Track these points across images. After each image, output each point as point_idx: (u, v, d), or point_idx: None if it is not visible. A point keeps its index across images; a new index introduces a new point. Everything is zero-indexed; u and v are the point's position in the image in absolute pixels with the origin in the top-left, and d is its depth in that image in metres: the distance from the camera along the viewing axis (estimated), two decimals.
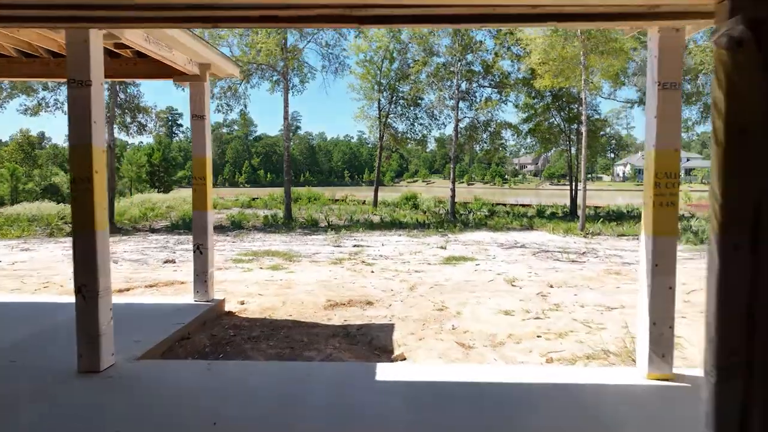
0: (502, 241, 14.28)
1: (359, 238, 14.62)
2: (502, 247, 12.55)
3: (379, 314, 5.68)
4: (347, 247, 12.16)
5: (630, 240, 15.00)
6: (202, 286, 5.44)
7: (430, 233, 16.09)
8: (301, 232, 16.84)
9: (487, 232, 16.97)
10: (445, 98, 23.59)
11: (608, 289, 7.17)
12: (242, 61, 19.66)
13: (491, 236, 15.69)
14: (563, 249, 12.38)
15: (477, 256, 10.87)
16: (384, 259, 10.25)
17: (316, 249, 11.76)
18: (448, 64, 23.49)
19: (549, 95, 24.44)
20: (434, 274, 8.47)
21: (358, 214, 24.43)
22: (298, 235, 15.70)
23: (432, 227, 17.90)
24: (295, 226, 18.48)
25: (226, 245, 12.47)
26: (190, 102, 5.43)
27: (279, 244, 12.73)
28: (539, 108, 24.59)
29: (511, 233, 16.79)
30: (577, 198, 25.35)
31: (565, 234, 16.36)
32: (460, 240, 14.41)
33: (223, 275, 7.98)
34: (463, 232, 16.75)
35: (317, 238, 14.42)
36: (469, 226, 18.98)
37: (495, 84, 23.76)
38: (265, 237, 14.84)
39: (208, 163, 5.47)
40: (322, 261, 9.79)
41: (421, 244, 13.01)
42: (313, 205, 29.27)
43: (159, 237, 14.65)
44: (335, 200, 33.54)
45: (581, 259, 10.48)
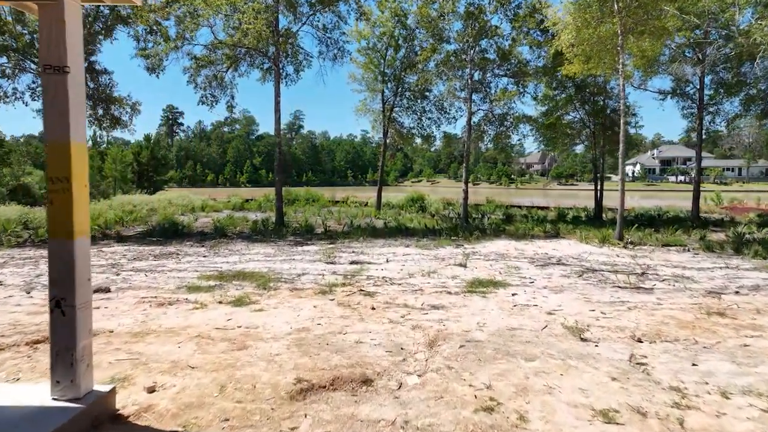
0: (530, 254, 11.86)
1: (359, 249, 12.24)
2: (534, 264, 10.12)
3: (383, 413, 3.29)
4: (343, 264, 9.76)
5: (681, 252, 12.55)
6: (67, 371, 3.05)
7: (442, 243, 13.68)
8: (292, 240, 14.47)
9: (509, 241, 14.55)
10: (456, 89, 21.14)
11: (733, 347, 4.74)
12: (227, 44, 17.33)
13: (515, 246, 13.27)
14: (611, 266, 9.95)
15: (508, 278, 8.46)
16: (389, 284, 7.85)
17: (304, 267, 9.37)
18: (460, 52, 21.04)
19: (571, 86, 21.98)
20: (460, 312, 6.06)
21: (359, 217, 22.06)
22: (287, 244, 13.33)
23: (444, 235, 15.49)
24: (287, 233, 16.12)
25: (194, 261, 10.11)
26: (40, 42, 3.06)
27: (260, 260, 10.35)
28: (560, 100, 22.11)
29: (537, 242, 14.36)
30: (602, 200, 22.87)
31: (601, 244, 13.91)
32: (480, 252, 11.99)
33: (155, 319, 5.61)
34: (481, 241, 14.33)
35: (309, 250, 12.04)
36: (486, 233, 16.55)
37: (512, 73, 21.29)
38: (247, 248, 12.48)
39: (77, 153, 3.09)
40: (307, 288, 7.39)
41: (434, 259, 10.60)
42: (311, 207, 26.94)
43: (120, 248, 12.30)
44: (335, 202, 31.19)
45: (645, 284, 8.04)
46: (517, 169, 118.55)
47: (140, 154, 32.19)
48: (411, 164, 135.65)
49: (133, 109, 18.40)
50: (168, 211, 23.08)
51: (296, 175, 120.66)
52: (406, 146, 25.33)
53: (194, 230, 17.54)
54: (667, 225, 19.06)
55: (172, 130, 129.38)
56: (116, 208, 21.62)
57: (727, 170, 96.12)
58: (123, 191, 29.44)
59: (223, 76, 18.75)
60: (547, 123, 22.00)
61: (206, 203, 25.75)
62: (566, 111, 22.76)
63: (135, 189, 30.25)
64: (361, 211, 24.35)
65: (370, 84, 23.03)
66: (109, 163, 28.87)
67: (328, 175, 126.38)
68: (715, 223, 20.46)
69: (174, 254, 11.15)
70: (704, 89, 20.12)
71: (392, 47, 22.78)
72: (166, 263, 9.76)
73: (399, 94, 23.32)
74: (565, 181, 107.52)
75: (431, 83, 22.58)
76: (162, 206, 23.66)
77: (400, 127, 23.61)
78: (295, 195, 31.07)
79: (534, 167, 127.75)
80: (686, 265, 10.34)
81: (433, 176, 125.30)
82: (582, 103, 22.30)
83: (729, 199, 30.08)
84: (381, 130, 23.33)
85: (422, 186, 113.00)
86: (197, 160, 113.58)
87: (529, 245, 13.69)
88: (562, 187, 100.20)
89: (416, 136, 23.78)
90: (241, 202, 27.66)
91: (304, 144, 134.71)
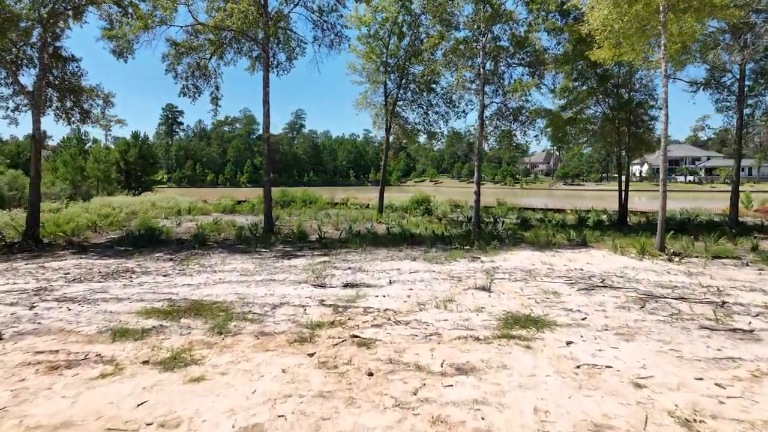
0: (561, 269, 9.81)
1: (357, 263, 10.20)
2: (575, 286, 8.05)
3: None
4: (335, 288, 7.72)
5: (740, 267, 10.47)
6: None
7: (454, 254, 11.62)
8: (280, 250, 12.46)
9: (531, 252, 12.49)
10: (465, 80, 19.05)
11: None
12: (209, 27, 15.33)
13: (541, 259, 11.21)
14: (671, 289, 7.88)
15: (550, 311, 6.41)
16: (393, 323, 5.81)
17: (284, 293, 7.33)
18: (471, 40, 18.95)
19: (593, 77, 19.88)
20: (500, 382, 4.03)
21: (359, 221, 20.03)
22: (273, 256, 11.31)
23: (455, 244, 13.45)
24: (276, 241, 14.10)
25: (148, 283, 8.07)
26: None
27: (232, 280, 8.32)
28: (582, 92, 20.00)
29: (564, 253, 12.30)
30: (627, 203, 20.76)
31: (640, 256, 11.83)
32: (502, 268, 9.93)
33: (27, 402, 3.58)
34: (499, 252, 12.28)
35: (297, 265, 10.01)
36: (503, 241, 14.49)
37: (528, 62, 19.19)
38: (224, 261, 10.46)
39: None
40: (279, 332, 5.35)
41: (448, 279, 8.55)
42: (307, 210, 24.92)
43: (71, 262, 10.29)
44: (335, 203, 29.13)
45: (736, 321, 5.99)
46: (521, 169, 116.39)
47: (127, 153, 30.19)
48: (414, 164, 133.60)
49: (105, 101, 16.41)
50: (150, 214, 21.10)
51: (297, 175, 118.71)
52: (410, 143, 23.24)
53: (173, 237, 15.56)
54: (702, 231, 16.97)
55: (172, 130, 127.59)
56: (93, 211, 19.65)
57: None
58: (107, 192, 27.50)
59: (207, 64, 16.74)
60: (567, 118, 19.91)
61: (194, 205, 23.77)
62: (586, 105, 20.67)
63: (120, 190, 28.29)
64: (362, 215, 22.31)
65: (371, 75, 20.99)
66: (91, 162, 26.86)
67: (329, 175, 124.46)
68: (756, 229, 18.32)
69: (129, 272, 9.13)
70: (745, 79, 18.00)
71: (395, 35, 20.73)
72: (112, 286, 7.75)
73: (403, 87, 21.27)
74: (571, 181, 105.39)
75: (438, 74, 20.53)
76: (144, 209, 21.69)
77: (404, 122, 21.55)
78: (291, 196, 29.06)
79: (539, 167, 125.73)
80: (764, 287, 8.26)
81: (437, 176, 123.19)
82: (605, 96, 20.19)
83: (760, 201, 27.90)
84: (383, 125, 21.26)
85: (425, 186, 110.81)
86: (197, 159, 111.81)
87: (557, 257, 11.63)
88: (568, 187, 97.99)
89: (421, 133, 21.70)
90: (232, 204, 25.67)
91: (305, 143, 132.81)
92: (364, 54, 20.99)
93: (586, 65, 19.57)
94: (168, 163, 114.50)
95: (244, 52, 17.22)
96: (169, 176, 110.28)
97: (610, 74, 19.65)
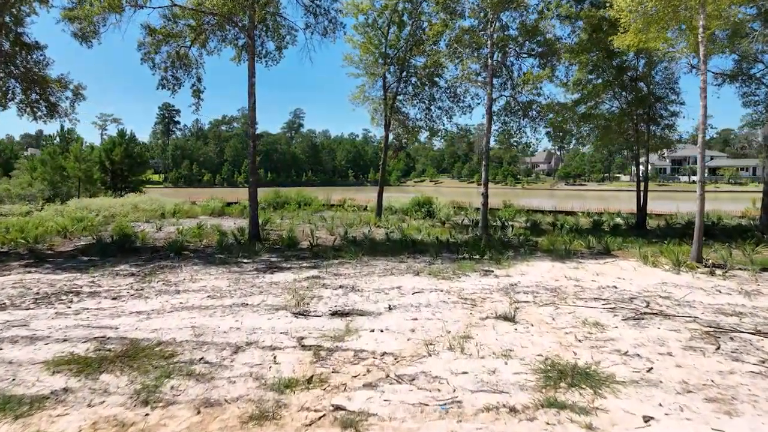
0: (591, 287, 8.27)
1: (350, 280, 8.65)
2: (617, 314, 6.50)
3: None
4: (320, 318, 6.16)
5: None
6: None
7: (464, 267, 10.06)
8: (264, 261, 10.91)
9: (551, 263, 10.95)
10: (471, 72, 17.49)
11: None
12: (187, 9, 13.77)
13: (564, 273, 9.67)
14: (738, 316, 6.34)
15: (601, 355, 4.85)
16: (392, 379, 4.25)
17: (254, 326, 5.77)
18: (477, 29, 17.41)
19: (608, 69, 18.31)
20: None
21: (356, 225, 18.48)
22: (254, 270, 9.75)
23: (463, 252, 11.90)
24: (261, 250, 12.53)
25: (90, 310, 6.50)
26: None
27: (196, 305, 6.76)
28: (598, 86, 18.43)
29: (588, 264, 10.77)
30: (646, 205, 19.20)
31: (676, 269, 10.29)
32: (522, 286, 8.38)
33: None
34: (515, 264, 10.72)
35: (278, 282, 8.46)
36: (518, 249, 12.94)
37: (539, 53, 17.63)
38: (193, 278, 8.89)
39: None
40: (230, 402, 3.78)
41: (460, 303, 6.98)
42: (301, 213, 23.34)
43: (11, 279, 8.71)
44: (331, 205, 27.54)
45: None
46: (522, 169, 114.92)
47: (113, 152, 28.56)
48: (413, 164, 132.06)
49: (75, 94, 14.84)
50: (131, 217, 19.54)
51: (296, 175, 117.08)
52: (411, 141, 21.68)
53: (149, 243, 14.02)
54: (732, 237, 15.45)
55: (169, 129, 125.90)
56: (67, 214, 18.07)
57: (741, 170, 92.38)
58: (89, 193, 25.92)
59: (187, 52, 15.17)
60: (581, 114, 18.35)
61: (180, 208, 22.19)
62: (601, 99, 19.11)
63: (105, 191, 26.69)
64: (359, 218, 20.76)
65: (369, 67, 19.41)
66: (71, 162, 25.19)
67: (328, 175, 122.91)
68: None
69: (74, 293, 7.55)
70: None
71: (395, 24, 19.17)
72: (39, 316, 6.18)
73: (403, 80, 19.70)
74: (573, 181, 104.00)
75: (442, 66, 18.96)
76: (125, 212, 20.12)
77: (404, 118, 19.98)
78: (285, 197, 27.48)
79: (540, 166, 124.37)
80: None
81: (437, 176, 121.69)
82: (622, 89, 18.63)
83: None
84: (382, 121, 19.69)
85: (425, 186, 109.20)
86: (194, 159, 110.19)
87: (582, 270, 10.08)
88: (570, 187, 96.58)
89: (423, 130, 20.13)
90: (221, 206, 24.08)
91: (304, 143, 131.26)
92: (361, 45, 19.42)
93: (602, 56, 18.05)
94: (165, 163, 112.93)
95: (228, 40, 15.67)
96: (165, 176, 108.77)
97: (628, 66, 18.10)
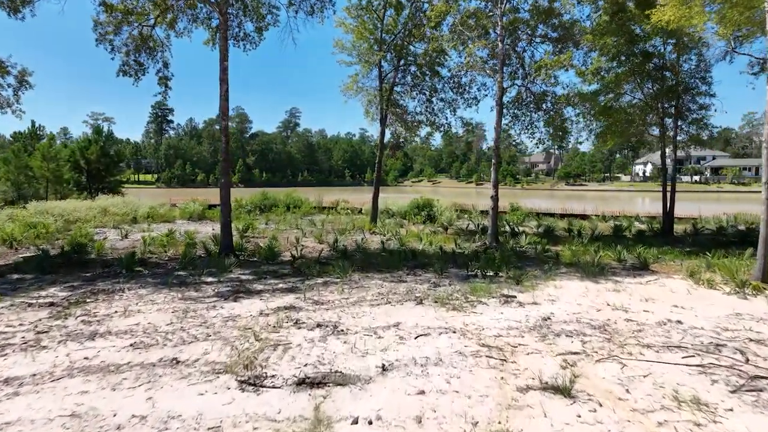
0: (652, 324, 6.26)
1: (333, 313, 6.59)
2: (714, 378, 4.48)
3: None
4: (279, 390, 4.11)
5: None
6: None
7: (478, 290, 8.03)
8: (232, 281, 8.86)
9: (582, 282, 8.95)
10: (478, 59, 15.46)
11: None
12: None
13: (603, 297, 7.67)
14: None
15: None
16: None
17: (172, 413, 3.71)
18: (483, 12, 15.38)
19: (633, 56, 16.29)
20: None
21: (348, 232, 16.43)
22: (213, 297, 7.68)
23: (475, 268, 9.86)
24: (233, 265, 10.43)
25: None
26: None
27: (99, 367, 4.70)
28: (620, 74, 16.40)
29: (627, 284, 8.78)
30: (673, 209, 17.17)
31: (740, 290, 8.28)
32: (560, 321, 6.35)
33: None
34: (538, 285, 8.69)
35: (238, 316, 6.41)
36: (536, 262, 10.92)
37: (553, 38, 15.62)
38: (127, 312, 6.81)
39: None
40: None
41: (484, 357, 4.94)
42: (289, 216, 21.22)
43: None
44: (323, 208, 25.43)
45: None
46: (522, 169, 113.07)
47: (88, 150, 26.34)
48: (411, 163, 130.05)
49: (20, 81, 12.72)
50: (96, 222, 17.42)
51: (291, 175, 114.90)
52: (410, 136, 19.59)
53: (106, 255, 11.96)
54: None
55: (161, 128, 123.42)
56: (23, 219, 15.93)
57: (744, 170, 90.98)
58: (59, 195, 23.77)
59: (151, 33, 13.08)
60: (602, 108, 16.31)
61: (155, 211, 20.08)
62: (622, 90, 17.09)
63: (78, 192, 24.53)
64: (353, 223, 18.69)
65: (363, 55, 17.34)
66: (38, 161, 22.97)
67: (324, 175, 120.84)
68: None
69: None
70: None
71: (392, 6, 17.11)
72: None
73: (401, 69, 17.64)
74: (573, 181, 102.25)
75: (444, 53, 16.93)
76: (92, 216, 17.98)
77: (402, 111, 17.92)
78: (273, 199, 25.37)
79: (539, 166, 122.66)
80: None
81: (435, 176, 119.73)
82: (643, 78, 16.60)
83: None
84: (377, 115, 17.61)
85: (423, 186, 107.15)
86: (187, 159, 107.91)
87: (624, 294, 8.08)
88: (570, 187, 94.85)
89: (424, 125, 18.06)
90: (202, 209, 21.95)
91: (300, 142, 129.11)
92: (354, 29, 17.34)
93: (623, 41, 16.06)
94: (158, 162, 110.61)
95: (200, 20, 13.58)
96: (158, 176, 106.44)
97: (654, 52, 16.09)
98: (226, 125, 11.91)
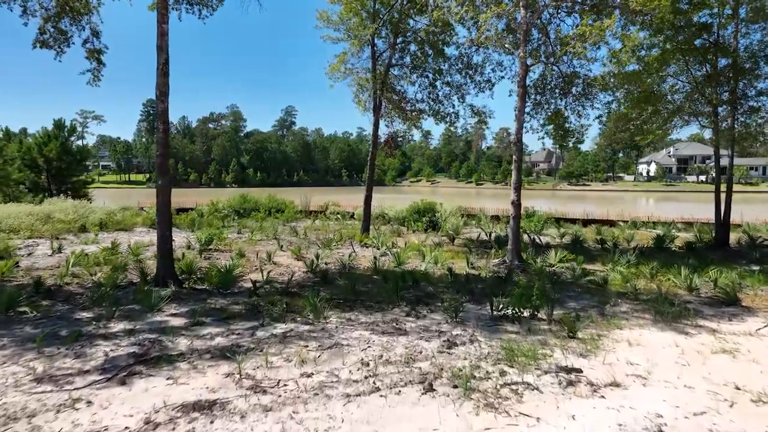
0: None
1: (279, 410, 3.67)
2: None
3: None
4: None
5: None
6: None
7: (515, 353, 5.08)
8: (152, 330, 5.94)
9: (664, 334, 6.04)
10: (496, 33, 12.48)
11: None
12: None
13: (707, 370, 4.74)
14: None
15: None
16: None
17: None
18: None
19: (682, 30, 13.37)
20: None
21: (336, 243, 13.51)
22: (92, 372, 4.73)
23: (502, 305, 6.90)
24: (167, 300, 7.44)
25: None
26: None
27: None
28: (666, 52, 13.46)
29: (727, 335, 5.87)
30: (729, 215, 14.26)
31: None
32: None
33: None
34: (603, 340, 5.77)
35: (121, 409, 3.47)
36: (583, 295, 8.00)
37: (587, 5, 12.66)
38: None
39: None
40: None
41: None
42: (270, 222, 18.15)
43: None
44: (310, 212, 22.41)
45: None
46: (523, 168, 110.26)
47: (47, 146, 23.32)
48: (410, 163, 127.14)
49: None
50: (30, 232, 14.44)
51: (287, 174, 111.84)
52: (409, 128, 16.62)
53: (12, 280, 9.06)
54: None
55: (153, 126, 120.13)
56: None
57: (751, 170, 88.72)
58: (9, 197, 20.76)
59: None
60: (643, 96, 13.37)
61: (110, 218, 17.10)
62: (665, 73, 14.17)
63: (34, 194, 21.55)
64: (342, 231, 15.73)
65: (352, 29, 14.36)
66: None
67: (321, 174, 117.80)
68: None
69: None
70: None
71: None
72: None
73: (399, 47, 14.68)
74: (576, 181, 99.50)
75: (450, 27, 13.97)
76: (29, 224, 15.00)
77: (400, 98, 14.94)
78: (254, 202, 22.38)
79: (539, 166, 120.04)
80: None
81: (434, 176, 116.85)
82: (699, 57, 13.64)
83: None
84: (370, 103, 14.65)
85: (422, 186, 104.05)
86: (179, 158, 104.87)
87: (742, 358, 5.18)
88: (572, 187, 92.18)
89: (426, 114, 15.06)
90: None
91: (295, 141, 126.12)
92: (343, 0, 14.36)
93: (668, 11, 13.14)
94: (149, 162, 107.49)
95: None
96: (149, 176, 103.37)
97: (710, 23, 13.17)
98: (165, 109, 8.92)
